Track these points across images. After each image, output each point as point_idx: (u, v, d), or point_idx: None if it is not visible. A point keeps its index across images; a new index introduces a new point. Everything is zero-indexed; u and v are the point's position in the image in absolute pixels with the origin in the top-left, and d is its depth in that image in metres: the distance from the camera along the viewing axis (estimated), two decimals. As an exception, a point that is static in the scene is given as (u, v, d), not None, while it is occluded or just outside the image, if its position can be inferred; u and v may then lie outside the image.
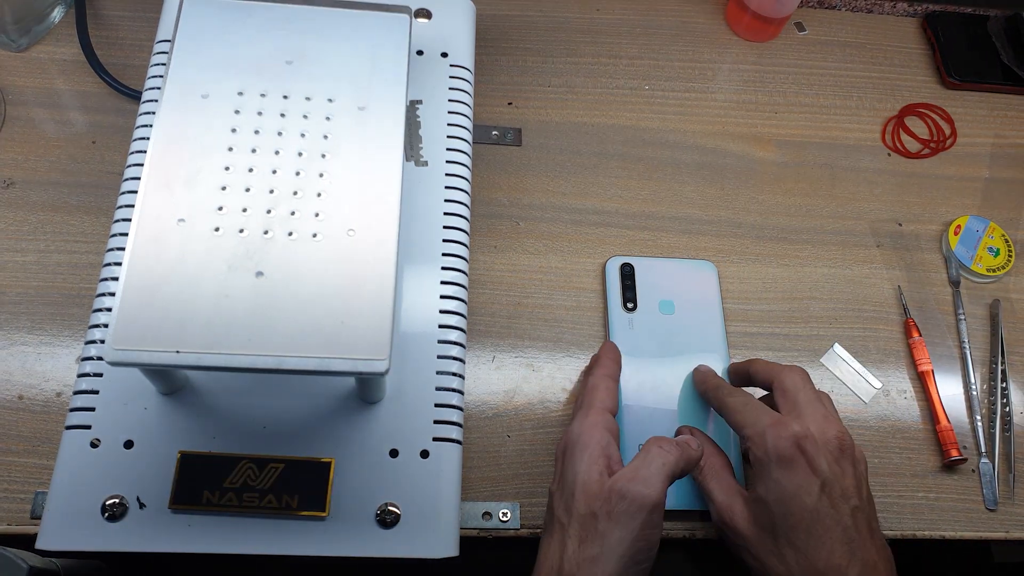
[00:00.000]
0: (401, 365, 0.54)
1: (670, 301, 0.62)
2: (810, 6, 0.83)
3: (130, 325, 0.42)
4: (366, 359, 0.43)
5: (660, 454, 0.43)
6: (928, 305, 0.68)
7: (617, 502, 0.41)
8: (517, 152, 0.71)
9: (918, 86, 0.79)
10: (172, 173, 0.46)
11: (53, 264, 0.60)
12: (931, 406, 0.64)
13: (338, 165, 0.48)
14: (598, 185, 0.70)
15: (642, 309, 0.62)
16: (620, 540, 0.40)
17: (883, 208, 0.73)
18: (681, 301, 0.63)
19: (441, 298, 0.56)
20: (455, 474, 0.52)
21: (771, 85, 0.77)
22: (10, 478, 0.53)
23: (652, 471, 0.42)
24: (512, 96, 0.73)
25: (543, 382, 0.61)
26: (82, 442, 0.50)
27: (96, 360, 0.52)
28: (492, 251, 0.66)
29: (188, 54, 0.49)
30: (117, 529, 0.48)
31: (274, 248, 0.45)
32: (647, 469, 0.42)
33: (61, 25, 0.70)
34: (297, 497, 0.49)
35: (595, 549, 0.40)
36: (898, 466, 0.62)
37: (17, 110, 0.66)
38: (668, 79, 0.76)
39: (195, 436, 0.50)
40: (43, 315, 0.59)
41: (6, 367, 0.57)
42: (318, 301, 0.44)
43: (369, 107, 0.50)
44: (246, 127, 0.48)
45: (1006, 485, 0.62)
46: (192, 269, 0.44)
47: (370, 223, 0.46)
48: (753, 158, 0.73)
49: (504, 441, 0.59)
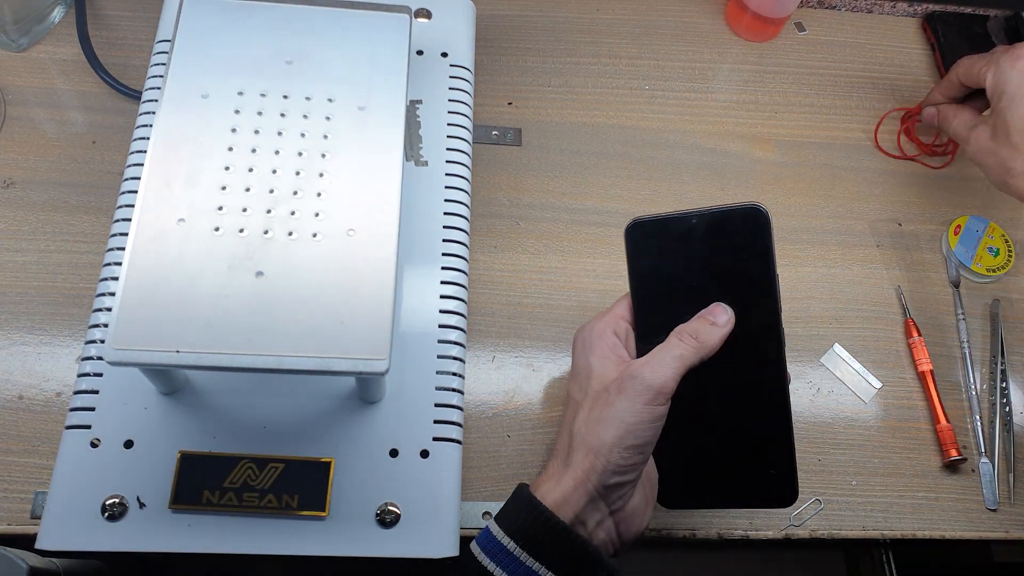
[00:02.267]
0: (401, 365, 0.54)
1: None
2: (810, 6, 0.83)
3: (130, 325, 0.42)
4: (366, 359, 0.43)
5: (677, 345, 0.45)
6: (928, 305, 0.68)
7: (629, 381, 0.44)
8: (517, 152, 0.71)
9: (918, 86, 0.79)
10: (172, 173, 0.46)
11: (53, 264, 0.60)
12: (931, 406, 0.64)
13: (338, 165, 0.48)
14: (598, 185, 0.70)
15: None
16: (625, 409, 0.44)
17: (883, 208, 0.73)
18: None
19: (441, 298, 0.56)
20: (455, 474, 0.52)
21: (771, 85, 0.77)
22: (10, 478, 0.53)
23: (665, 360, 0.45)
24: (512, 96, 0.73)
25: (543, 382, 0.61)
26: (82, 442, 0.50)
27: (96, 360, 0.52)
28: (492, 251, 0.66)
29: (188, 54, 0.49)
30: (117, 529, 0.48)
31: (274, 248, 0.45)
32: (660, 357, 0.45)
33: (61, 25, 0.70)
34: (297, 497, 0.49)
35: (603, 412, 0.44)
36: (898, 466, 0.62)
37: (17, 110, 0.66)
38: (668, 79, 0.76)
39: (195, 436, 0.50)
40: (43, 315, 0.59)
41: (6, 367, 0.57)
42: (318, 301, 0.44)
43: (369, 107, 0.50)
44: (246, 127, 0.48)
45: (1006, 485, 0.62)
46: (192, 269, 0.44)
47: (370, 223, 0.46)
48: (753, 158, 0.73)
49: (504, 441, 0.59)
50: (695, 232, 0.47)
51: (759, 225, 0.46)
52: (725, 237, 0.46)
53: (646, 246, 0.48)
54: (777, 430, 0.47)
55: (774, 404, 0.47)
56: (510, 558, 0.43)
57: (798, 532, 0.59)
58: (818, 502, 0.60)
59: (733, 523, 0.58)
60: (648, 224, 0.48)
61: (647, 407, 0.44)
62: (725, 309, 0.46)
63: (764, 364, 0.47)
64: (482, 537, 0.44)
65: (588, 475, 0.44)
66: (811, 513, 0.59)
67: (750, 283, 0.47)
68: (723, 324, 0.46)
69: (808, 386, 0.64)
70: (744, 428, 0.48)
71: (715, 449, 0.48)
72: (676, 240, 0.47)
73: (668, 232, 0.47)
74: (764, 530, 0.59)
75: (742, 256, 0.46)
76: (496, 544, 0.43)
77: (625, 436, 0.44)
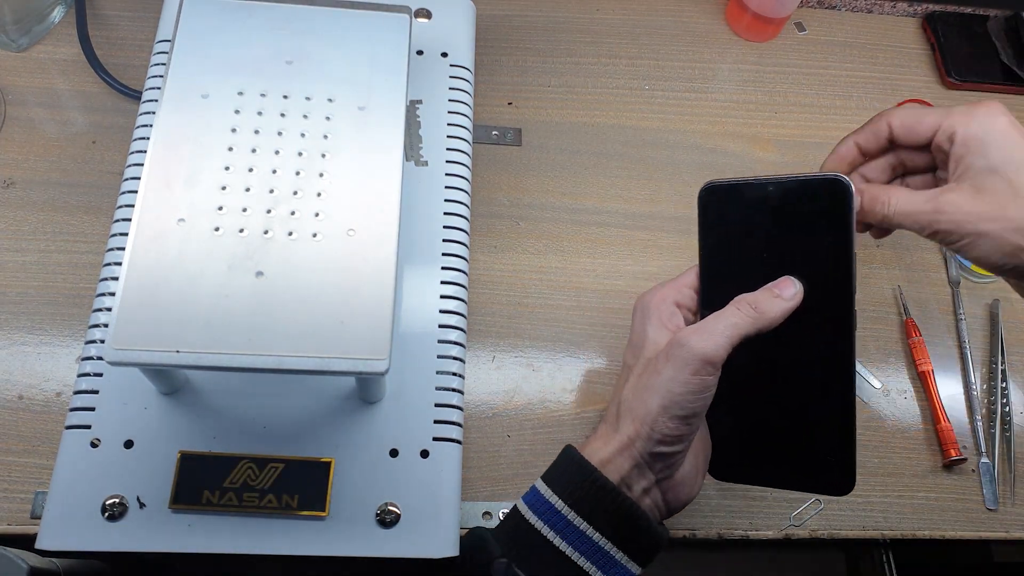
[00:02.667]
0: (401, 365, 0.54)
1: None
2: (810, 6, 0.83)
3: (130, 325, 0.42)
4: (366, 359, 0.43)
5: (732, 314, 0.44)
6: (928, 305, 0.68)
7: (677, 348, 0.43)
8: (517, 152, 0.71)
9: (918, 86, 0.79)
10: (172, 173, 0.46)
11: (53, 264, 0.60)
12: (931, 406, 0.64)
13: (338, 165, 0.48)
14: (598, 185, 0.70)
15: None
16: (671, 378, 0.42)
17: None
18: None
19: (441, 298, 0.56)
20: (455, 474, 0.52)
21: (771, 85, 0.77)
22: (10, 478, 0.53)
23: (718, 329, 0.43)
24: (512, 96, 0.73)
25: (543, 382, 0.61)
26: (82, 442, 0.50)
27: (96, 360, 0.52)
28: (492, 251, 0.66)
29: (188, 54, 0.49)
30: (117, 529, 0.48)
31: (274, 248, 0.45)
32: (713, 325, 0.43)
33: (61, 25, 0.70)
34: (297, 497, 0.49)
35: (650, 380, 0.43)
36: (898, 466, 0.62)
37: (17, 110, 0.66)
38: (668, 79, 0.76)
39: (195, 436, 0.50)
40: (43, 315, 0.59)
41: (6, 367, 0.57)
42: (318, 301, 0.44)
43: (369, 107, 0.50)
44: (246, 127, 0.48)
45: (1006, 485, 0.62)
46: (192, 269, 0.44)
47: (370, 223, 0.46)
48: (753, 158, 0.73)
49: (504, 441, 0.59)
50: (770, 200, 0.45)
51: (840, 197, 0.43)
52: (802, 207, 0.44)
53: (718, 212, 0.46)
54: (839, 415, 0.45)
55: (838, 388, 0.45)
56: (557, 516, 0.42)
57: (798, 532, 0.59)
58: (818, 502, 0.59)
59: (733, 523, 0.58)
60: (722, 189, 0.46)
61: (694, 377, 0.42)
62: (794, 283, 0.44)
63: (831, 346, 0.44)
64: (529, 495, 0.44)
65: (633, 441, 0.43)
66: (811, 513, 0.59)
67: (825, 259, 0.44)
68: (788, 298, 0.44)
69: (808, 386, 0.64)
70: (804, 409, 0.46)
71: (772, 426, 0.47)
72: (750, 207, 0.45)
73: (742, 198, 0.46)
74: (764, 530, 0.59)
75: (818, 229, 0.44)
76: (544, 502, 0.43)
77: (671, 406, 0.42)
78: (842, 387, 0.45)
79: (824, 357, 0.45)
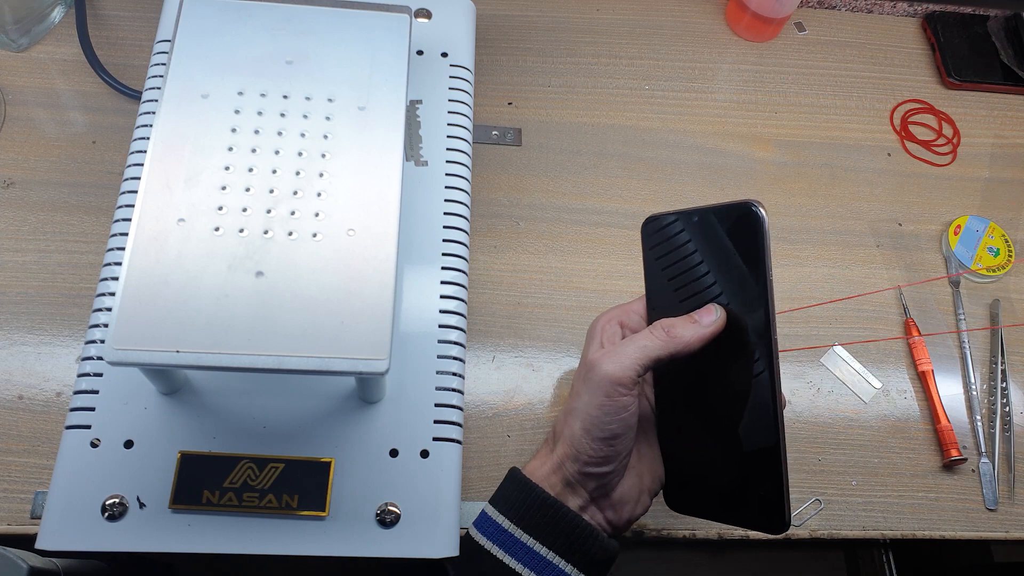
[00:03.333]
0: (401, 365, 0.54)
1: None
2: (810, 6, 0.83)
3: (130, 325, 0.42)
4: (366, 359, 0.43)
5: (645, 337, 0.44)
6: (928, 305, 0.68)
7: (590, 371, 0.44)
8: (517, 152, 0.71)
9: (918, 86, 0.79)
10: (172, 173, 0.46)
11: (53, 264, 0.60)
12: (931, 406, 0.64)
13: (338, 165, 0.48)
14: (598, 185, 0.70)
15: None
16: (588, 402, 0.44)
17: (883, 208, 0.73)
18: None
19: (441, 298, 0.56)
20: (455, 474, 0.52)
21: (771, 85, 0.77)
22: (10, 478, 0.53)
23: (628, 352, 0.44)
24: (512, 96, 0.73)
25: (543, 382, 0.61)
26: (82, 442, 0.50)
27: (96, 360, 0.52)
28: (492, 251, 0.66)
29: (188, 54, 0.49)
30: (117, 529, 0.48)
31: (274, 248, 0.45)
32: (624, 348, 0.44)
33: (61, 25, 0.70)
34: (297, 497, 0.49)
35: (573, 403, 0.45)
36: (898, 466, 0.62)
37: (17, 110, 0.66)
38: (668, 79, 0.76)
39: (195, 436, 0.50)
40: (43, 315, 0.59)
41: (6, 367, 0.57)
42: (318, 301, 0.44)
43: (369, 107, 0.50)
44: (246, 127, 0.48)
45: (1006, 485, 0.62)
46: (192, 269, 0.44)
47: (370, 223, 0.46)
48: (753, 158, 0.73)
49: (504, 441, 0.59)
50: (696, 228, 0.46)
51: (752, 223, 0.43)
52: (722, 234, 0.45)
53: (656, 241, 0.48)
54: (765, 450, 0.43)
55: (762, 421, 0.43)
56: (504, 535, 0.43)
57: (798, 532, 0.59)
58: (818, 502, 0.60)
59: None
60: (659, 220, 0.48)
61: (607, 399, 0.43)
62: (714, 310, 0.44)
63: (754, 377, 0.44)
64: (479, 519, 0.45)
65: (563, 462, 0.45)
66: (811, 513, 0.59)
67: (744, 286, 0.44)
68: (705, 324, 0.44)
69: (808, 386, 0.64)
70: (734, 441, 0.45)
71: (708, 458, 0.46)
72: (681, 236, 0.47)
73: (674, 228, 0.47)
74: (764, 530, 0.59)
75: (738, 256, 0.44)
76: (491, 522, 0.44)
77: (591, 428, 0.44)
78: (766, 419, 0.43)
79: (748, 388, 0.44)
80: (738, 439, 0.45)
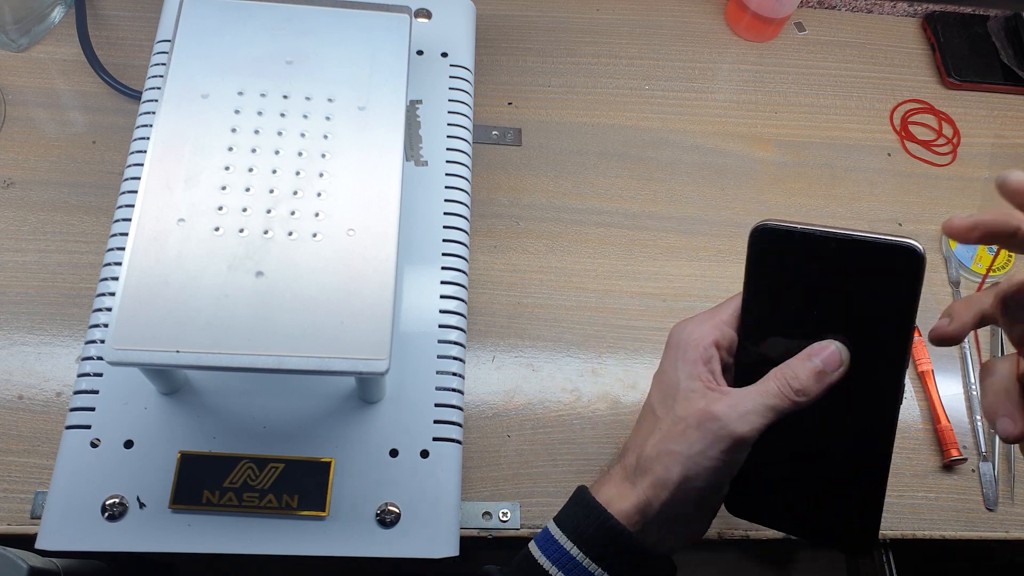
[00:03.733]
0: (401, 365, 0.54)
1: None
2: (810, 6, 0.83)
3: (130, 325, 0.42)
4: (366, 359, 0.43)
5: (773, 394, 0.41)
6: (928, 305, 0.68)
7: (710, 421, 0.41)
8: (517, 152, 0.71)
9: (918, 86, 0.79)
10: (172, 173, 0.46)
11: (53, 264, 0.60)
12: (931, 406, 0.64)
13: (338, 165, 0.48)
14: (598, 185, 0.70)
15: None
16: (700, 452, 0.41)
17: (883, 208, 0.73)
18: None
19: (441, 298, 0.56)
20: (455, 474, 0.52)
21: (771, 85, 0.77)
22: (10, 478, 0.53)
23: (756, 409, 0.41)
24: (512, 96, 0.73)
25: (543, 382, 0.61)
26: (82, 442, 0.50)
27: (96, 360, 0.52)
28: (492, 251, 0.66)
29: (188, 54, 0.49)
30: (117, 529, 0.48)
31: (274, 248, 0.45)
32: (752, 402, 0.41)
33: (61, 25, 0.70)
34: (297, 497, 0.49)
35: (676, 446, 0.41)
36: (898, 466, 0.62)
37: (17, 110, 0.66)
38: (668, 79, 0.76)
39: (195, 436, 0.50)
40: (43, 315, 0.58)
41: (6, 367, 0.57)
42: (318, 301, 0.44)
43: (369, 107, 0.50)
44: (246, 127, 0.48)
45: (1006, 485, 0.62)
46: (192, 269, 0.44)
47: (370, 223, 0.46)
48: (753, 158, 0.73)
49: (504, 441, 0.59)
50: (830, 256, 0.41)
51: (912, 267, 0.39)
52: (866, 270, 0.40)
53: (771, 255, 0.43)
54: (870, 478, 0.42)
55: (873, 451, 0.42)
56: (567, 557, 0.41)
57: (798, 532, 0.59)
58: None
59: (733, 523, 0.58)
60: (778, 232, 0.42)
61: (725, 456, 0.40)
62: (840, 354, 0.41)
63: (873, 412, 0.42)
64: (540, 536, 0.43)
65: (651, 503, 0.42)
66: (811, 513, 0.59)
67: (880, 328, 0.41)
68: (832, 373, 0.41)
69: (808, 386, 0.64)
70: (835, 464, 0.43)
71: (798, 475, 0.44)
72: (807, 258, 0.42)
73: (800, 247, 0.42)
74: (764, 530, 0.59)
75: (880, 296, 0.40)
76: (553, 543, 0.42)
77: (694, 478, 0.41)
78: (878, 450, 0.42)
79: (864, 422, 0.42)
80: (839, 462, 0.43)
